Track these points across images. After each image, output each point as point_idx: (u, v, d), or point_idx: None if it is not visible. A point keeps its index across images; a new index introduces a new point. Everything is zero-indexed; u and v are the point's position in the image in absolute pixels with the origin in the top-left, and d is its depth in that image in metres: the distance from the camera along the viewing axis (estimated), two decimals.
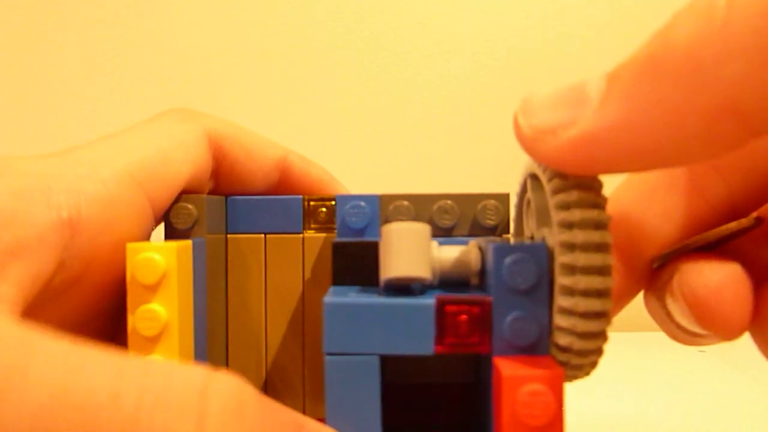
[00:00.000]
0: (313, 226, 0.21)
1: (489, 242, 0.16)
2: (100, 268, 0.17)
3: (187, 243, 0.18)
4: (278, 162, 0.23)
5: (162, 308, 0.17)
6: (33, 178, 0.16)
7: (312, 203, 0.21)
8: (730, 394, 0.37)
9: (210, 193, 0.22)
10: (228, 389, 0.13)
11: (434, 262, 0.17)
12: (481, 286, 0.17)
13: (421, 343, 0.15)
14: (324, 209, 0.21)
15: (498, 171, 0.56)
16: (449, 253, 0.17)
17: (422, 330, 0.15)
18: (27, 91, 0.60)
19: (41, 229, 0.15)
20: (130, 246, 0.17)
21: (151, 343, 0.17)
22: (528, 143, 0.15)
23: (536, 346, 0.15)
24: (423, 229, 0.16)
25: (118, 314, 0.19)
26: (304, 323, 0.21)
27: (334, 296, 0.16)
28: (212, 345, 0.20)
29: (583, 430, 0.32)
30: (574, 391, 0.19)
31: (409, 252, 0.16)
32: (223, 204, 0.21)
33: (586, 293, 0.14)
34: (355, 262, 0.18)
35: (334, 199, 0.21)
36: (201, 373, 0.13)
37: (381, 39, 0.59)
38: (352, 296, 0.16)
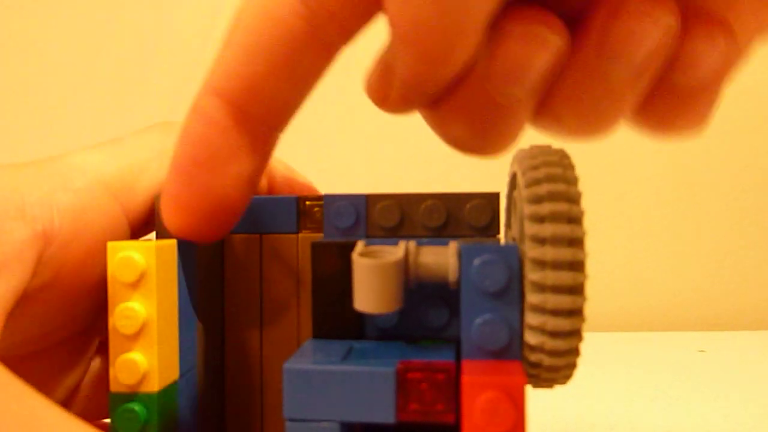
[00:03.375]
0: (308, 226, 0.21)
1: (465, 243, 0.16)
2: (70, 274, 0.18)
3: (171, 242, 0.18)
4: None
5: (141, 306, 0.17)
6: (7, 191, 0.16)
7: (307, 203, 0.21)
8: (730, 394, 0.37)
9: None
10: None
11: (410, 267, 0.17)
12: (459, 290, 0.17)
13: (383, 410, 0.15)
14: (319, 209, 0.21)
15: (489, 170, 0.56)
16: (427, 257, 0.17)
17: (383, 397, 0.15)
18: (25, 95, 0.61)
19: (18, 244, 0.16)
20: (111, 245, 0.17)
21: (130, 341, 0.17)
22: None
23: (506, 351, 0.15)
24: (389, 264, 0.16)
25: (92, 318, 0.20)
26: (300, 323, 0.21)
27: (297, 359, 0.16)
28: (206, 345, 0.20)
29: (582, 430, 0.32)
30: (572, 390, 0.19)
31: (376, 289, 0.16)
32: None
33: (556, 289, 0.14)
34: (336, 263, 0.18)
35: None
36: None
37: (373, 38, 0.59)
38: (317, 358, 0.16)
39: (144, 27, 0.60)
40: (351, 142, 0.59)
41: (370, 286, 0.15)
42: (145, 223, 0.21)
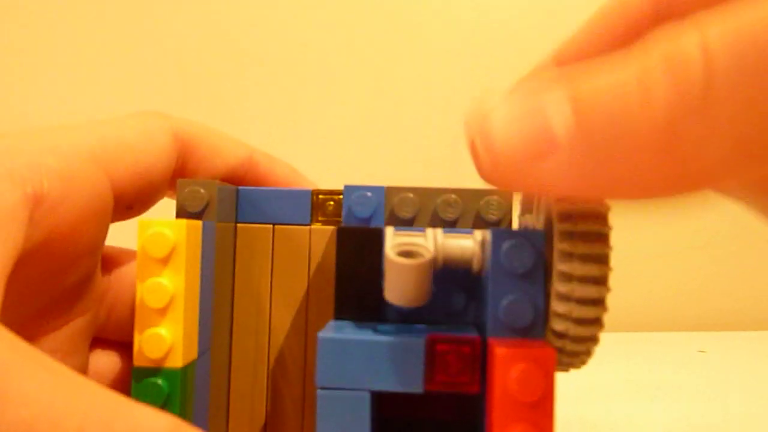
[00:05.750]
0: (320, 218, 0.22)
1: (490, 230, 0.17)
2: (60, 237, 0.18)
3: (197, 222, 0.19)
4: (243, 161, 0.23)
5: (170, 282, 0.17)
6: None
7: (321, 196, 0.22)
8: (730, 394, 0.37)
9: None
10: None
11: (438, 258, 0.17)
12: (482, 274, 0.17)
13: (411, 380, 0.15)
14: (332, 202, 0.22)
15: None
16: (453, 242, 0.18)
17: (412, 368, 0.15)
18: (24, 95, 0.61)
19: (9, 207, 0.16)
20: (141, 222, 0.17)
21: (158, 315, 0.17)
22: (484, 170, 0.13)
23: (531, 329, 0.15)
24: (425, 264, 0.17)
25: (82, 291, 0.20)
26: (308, 314, 0.22)
27: (328, 331, 0.16)
28: (217, 331, 0.21)
29: (583, 430, 0.32)
30: (573, 390, 0.19)
31: (411, 286, 0.16)
32: (235, 193, 0.22)
33: (583, 279, 0.14)
34: (360, 248, 0.19)
35: (341, 193, 0.21)
36: (166, 424, 0.13)
37: (386, 34, 0.60)
38: (347, 331, 0.16)
39: (143, 27, 0.60)
40: (370, 138, 0.60)
41: (406, 284, 0.16)
42: (128, 205, 0.21)
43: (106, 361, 0.22)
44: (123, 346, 0.22)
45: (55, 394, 0.12)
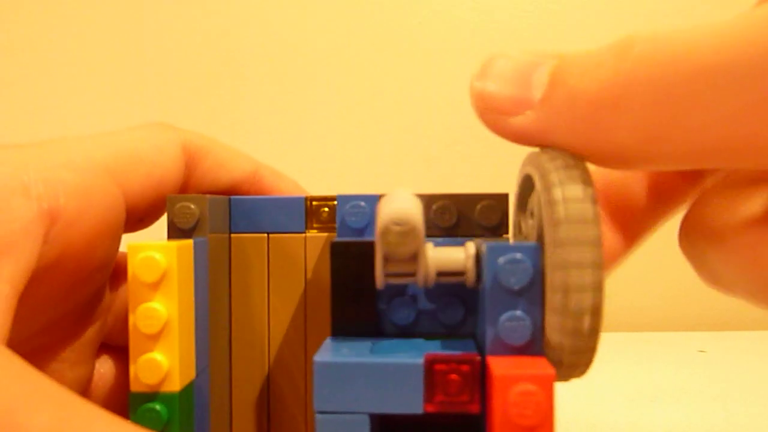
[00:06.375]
0: (315, 225, 0.22)
1: (485, 242, 0.16)
2: (74, 254, 0.18)
3: (188, 242, 0.18)
4: (249, 175, 0.23)
5: (162, 306, 0.17)
6: (11, 169, 0.16)
7: (314, 203, 0.22)
8: (730, 394, 0.37)
9: None
10: None
11: (429, 263, 0.17)
12: (477, 287, 0.17)
13: (411, 401, 0.15)
14: (326, 209, 0.22)
15: (497, 171, 0.56)
16: (445, 254, 0.17)
17: (411, 389, 0.15)
18: (22, 96, 0.60)
19: (25, 222, 0.16)
20: (131, 245, 0.17)
21: (151, 341, 0.17)
22: (478, 113, 0.16)
23: (530, 347, 0.15)
24: (417, 200, 0.17)
25: (92, 303, 0.20)
26: (307, 322, 0.21)
27: (325, 353, 0.16)
28: (215, 344, 0.20)
29: (583, 430, 0.32)
30: (573, 390, 0.19)
31: (406, 199, 0.16)
32: (227, 204, 0.21)
33: (579, 289, 0.14)
34: (354, 262, 0.18)
35: (336, 199, 0.21)
36: None
37: (381, 38, 0.59)
38: (343, 352, 0.16)
39: (143, 28, 0.60)
40: (363, 144, 0.59)
41: (401, 197, 0.16)
42: (139, 218, 0.21)
43: (111, 365, 0.22)
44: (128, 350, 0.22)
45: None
